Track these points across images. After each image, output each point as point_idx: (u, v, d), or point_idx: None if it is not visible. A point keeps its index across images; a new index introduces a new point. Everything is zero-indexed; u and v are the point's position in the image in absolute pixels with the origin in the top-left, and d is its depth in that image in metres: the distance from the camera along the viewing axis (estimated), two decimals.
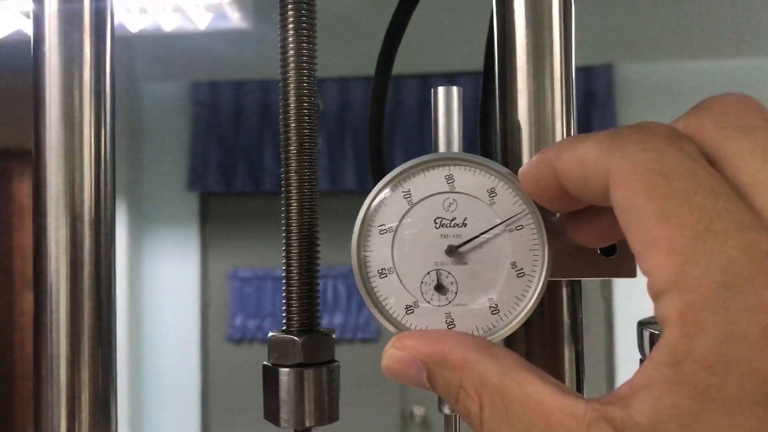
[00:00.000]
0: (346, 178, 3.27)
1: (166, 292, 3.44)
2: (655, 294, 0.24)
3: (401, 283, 0.34)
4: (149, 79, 3.45)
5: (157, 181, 3.47)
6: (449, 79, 3.22)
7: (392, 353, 0.32)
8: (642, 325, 0.42)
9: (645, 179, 0.25)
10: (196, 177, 3.41)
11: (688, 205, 0.24)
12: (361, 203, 0.35)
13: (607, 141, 0.27)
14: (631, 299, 2.92)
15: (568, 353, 0.41)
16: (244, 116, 3.40)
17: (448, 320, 0.34)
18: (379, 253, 0.35)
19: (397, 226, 0.35)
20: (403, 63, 0.52)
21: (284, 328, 0.41)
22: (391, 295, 0.34)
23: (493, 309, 0.34)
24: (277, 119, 0.43)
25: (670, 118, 0.29)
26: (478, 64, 0.49)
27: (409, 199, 0.35)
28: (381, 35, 0.49)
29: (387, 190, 0.35)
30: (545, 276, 0.34)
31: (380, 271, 0.35)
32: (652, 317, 0.45)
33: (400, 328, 0.34)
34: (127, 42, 3.18)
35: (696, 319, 0.23)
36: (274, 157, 3.32)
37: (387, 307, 0.34)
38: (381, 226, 0.35)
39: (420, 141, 3.24)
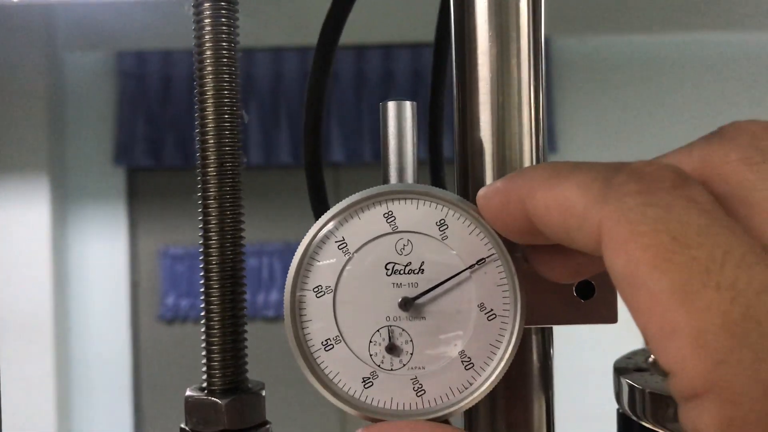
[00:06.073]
0: (281, 152, 3.18)
1: (93, 272, 3.31)
2: (682, 396, 0.19)
3: (351, 351, 0.29)
4: (72, 47, 3.28)
5: (81, 155, 3.32)
6: (385, 50, 3.14)
7: None
8: (620, 372, 0.37)
9: (652, 245, 0.20)
10: (123, 151, 3.28)
11: (715, 281, 0.19)
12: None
13: (595, 188, 0.22)
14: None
15: (537, 402, 0.36)
16: (173, 87, 3.27)
17: (416, 386, 0.28)
18: (319, 320, 0.28)
19: (337, 284, 0.29)
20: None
21: (204, 385, 0.35)
22: (342, 368, 0.29)
23: (466, 363, 0.29)
24: None
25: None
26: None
27: (344, 249, 0.29)
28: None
29: (316, 242, 0.29)
30: (521, 314, 0.28)
31: (324, 343, 0.29)
32: (628, 359, 0.40)
33: (360, 408, 0.28)
34: (47, 9, 3.01)
35: None
36: None
37: (340, 385, 0.28)
38: (317, 287, 0.29)
39: (356, 114, 3.16)
